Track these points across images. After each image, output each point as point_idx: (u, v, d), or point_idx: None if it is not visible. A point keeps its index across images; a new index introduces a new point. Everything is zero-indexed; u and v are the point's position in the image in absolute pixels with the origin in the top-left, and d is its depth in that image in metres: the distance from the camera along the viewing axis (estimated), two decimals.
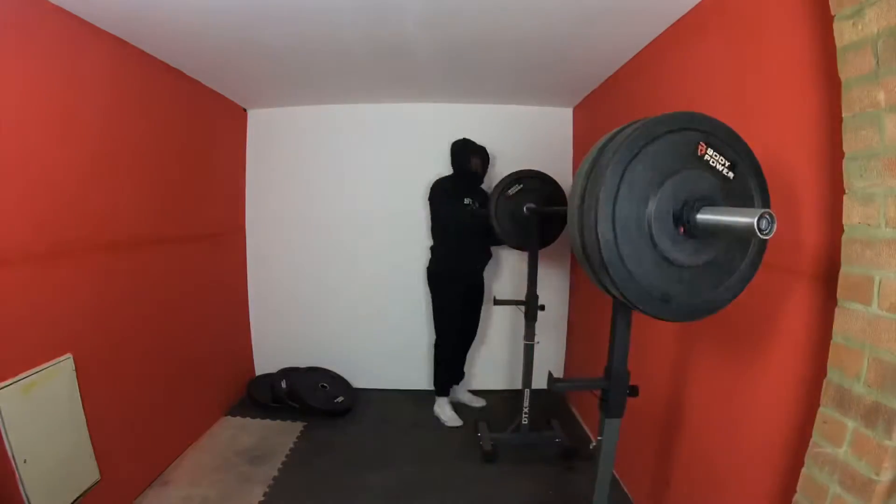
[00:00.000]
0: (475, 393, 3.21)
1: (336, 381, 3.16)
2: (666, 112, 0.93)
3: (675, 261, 0.94)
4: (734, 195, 0.97)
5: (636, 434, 1.96)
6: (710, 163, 0.94)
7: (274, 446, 2.55)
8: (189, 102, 2.51)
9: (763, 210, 0.80)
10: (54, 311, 1.64)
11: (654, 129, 0.91)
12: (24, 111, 1.52)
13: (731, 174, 0.95)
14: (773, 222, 0.80)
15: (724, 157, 0.95)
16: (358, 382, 3.32)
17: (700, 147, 0.93)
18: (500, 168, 2.88)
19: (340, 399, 3.00)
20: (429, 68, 2.43)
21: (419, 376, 3.29)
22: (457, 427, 2.82)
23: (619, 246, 0.91)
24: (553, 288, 3.22)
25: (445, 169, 2.85)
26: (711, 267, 0.98)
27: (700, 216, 0.90)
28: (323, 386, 3.05)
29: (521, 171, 2.67)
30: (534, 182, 2.56)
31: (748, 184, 0.98)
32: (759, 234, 0.80)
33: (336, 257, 3.26)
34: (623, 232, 0.91)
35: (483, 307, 3.06)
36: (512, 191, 2.53)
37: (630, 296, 0.93)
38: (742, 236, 0.96)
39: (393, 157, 3.16)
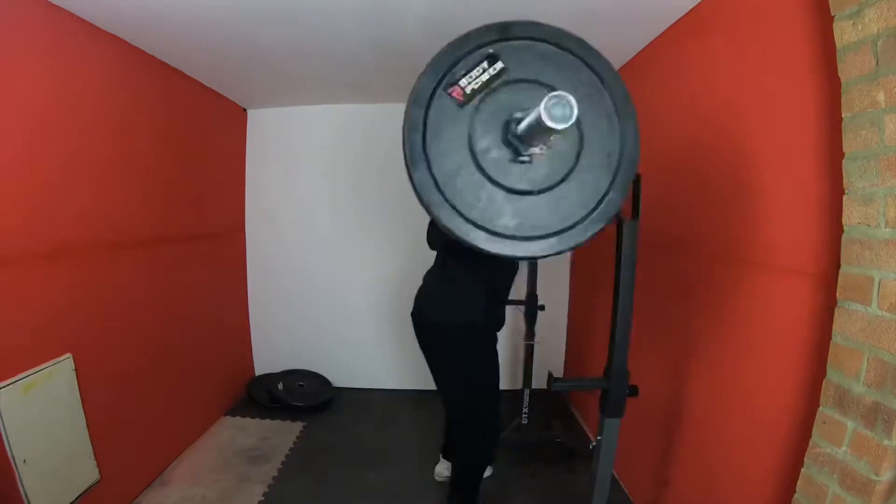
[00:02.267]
0: None
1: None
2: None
3: (513, 186, 0.85)
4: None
5: (636, 434, 1.96)
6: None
7: (274, 446, 2.54)
8: (189, 102, 2.51)
9: (551, 94, 0.67)
10: (54, 311, 1.64)
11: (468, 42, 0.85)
12: (22, 111, 1.52)
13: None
14: (567, 106, 0.66)
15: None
16: (357, 382, 3.32)
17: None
18: None
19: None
20: None
21: (419, 376, 3.29)
22: None
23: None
24: (553, 288, 3.22)
25: None
26: (561, 192, 0.88)
27: (519, 127, 0.81)
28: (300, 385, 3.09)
29: None
30: None
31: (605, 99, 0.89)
32: (551, 122, 0.67)
33: (336, 257, 3.26)
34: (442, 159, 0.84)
35: None
36: None
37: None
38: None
39: (392, 158, 3.15)
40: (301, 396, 2.99)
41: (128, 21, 1.80)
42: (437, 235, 1.80)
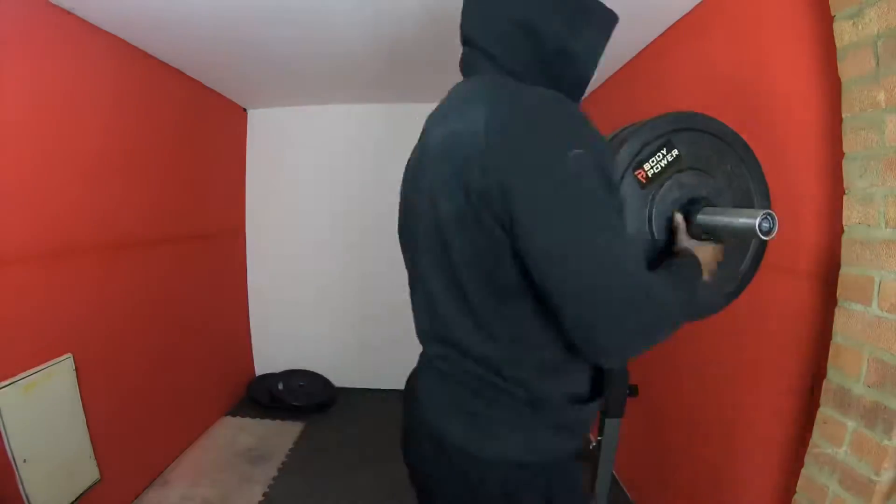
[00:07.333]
0: None
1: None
2: (667, 112, 0.93)
3: None
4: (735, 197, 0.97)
5: (636, 434, 1.96)
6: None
7: (274, 446, 2.54)
8: (189, 102, 2.51)
9: (765, 211, 0.80)
10: (54, 311, 1.64)
11: (652, 130, 0.91)
12: (24, 111, 1.52)
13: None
14: (774, 223, 0.79)
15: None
16: (357, 382, 3.32)
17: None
18: None
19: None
20: (429, 69, 2.43)
21: None
22: None
23: None
24: None
25: None
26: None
27: (701, 217, 0.90)
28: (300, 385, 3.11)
29: None
30: None
31: (749, 186, 0.98)
32: (760, 235, 0.79)
33: (336, 257, 3.26)
34: None
35: None
36: None
37: None
38: (743, 237, 0.96)
39: (392, 158, 3.15)
40: (301, 396, 2.99)
41: (128, 21, 1.80)
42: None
